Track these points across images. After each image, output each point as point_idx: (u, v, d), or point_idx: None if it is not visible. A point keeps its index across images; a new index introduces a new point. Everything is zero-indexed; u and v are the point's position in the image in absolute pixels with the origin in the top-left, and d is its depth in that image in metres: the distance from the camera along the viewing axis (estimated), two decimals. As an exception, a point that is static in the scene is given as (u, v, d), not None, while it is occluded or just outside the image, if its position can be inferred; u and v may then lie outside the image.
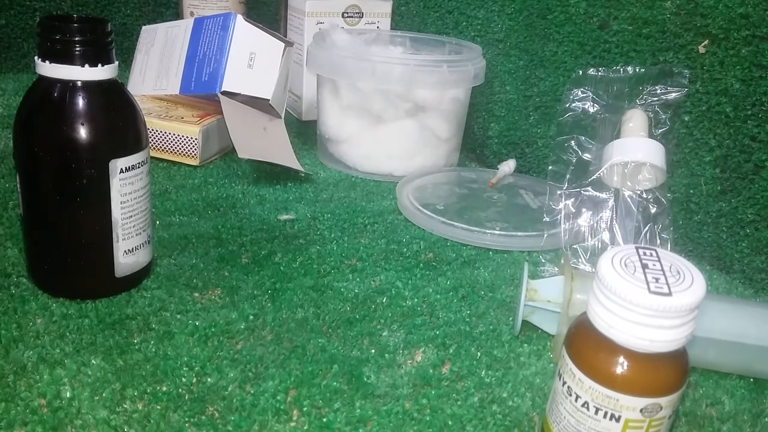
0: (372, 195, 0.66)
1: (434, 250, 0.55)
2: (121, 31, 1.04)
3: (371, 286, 0.48)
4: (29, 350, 0.38)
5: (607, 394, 0.29)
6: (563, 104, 0.56)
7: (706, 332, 0.40)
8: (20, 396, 0.34)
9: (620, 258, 0.30)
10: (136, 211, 0.43)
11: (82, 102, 0.39)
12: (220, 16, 0.69)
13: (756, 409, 0.39)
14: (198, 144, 0.67)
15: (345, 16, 0.83)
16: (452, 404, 0.37)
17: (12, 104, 0.80)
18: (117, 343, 0.39)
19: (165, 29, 0.77)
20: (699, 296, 0.28)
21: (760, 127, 0.51)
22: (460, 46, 0.73)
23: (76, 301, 0.42)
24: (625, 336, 0.29)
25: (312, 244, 0.54)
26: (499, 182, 0.68)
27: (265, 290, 0.46)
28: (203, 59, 0.70)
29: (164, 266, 0.48)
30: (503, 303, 0.48)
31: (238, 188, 0.64)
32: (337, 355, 0.40)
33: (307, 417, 0.35)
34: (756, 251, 0.52)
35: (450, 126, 0.70)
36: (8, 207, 0.54)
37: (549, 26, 0.67)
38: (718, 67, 0.53)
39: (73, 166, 0.40)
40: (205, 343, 0.40)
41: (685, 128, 0.56)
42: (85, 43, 0.39)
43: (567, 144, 0.56)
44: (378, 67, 0.65)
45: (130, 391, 0.36)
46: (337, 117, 0.70)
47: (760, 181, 0.51)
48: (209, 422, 0.34)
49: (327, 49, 0.68)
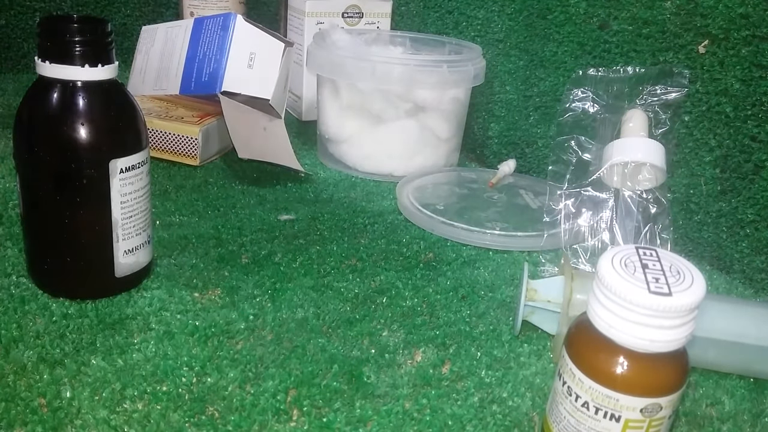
0: (372, 195, 0.66)
1: (434, 250, 0.55)
2: (121, 32, 1.04)
3: (371, 286, 0.48)
4: (29, 350, 0.38)
5: (607, 394, 0.29)
6: (563, 104, 0.56)
7: (706, 332, 0.40)
8: (20, 396, 0.34)
9: (620, 258, 0.30)
10: (136, 211, 0.43)
11: (82, 102, 0.39)
12: (220, 17, 0.69)
13: (756, 409, 0.39)
14: (198, 144, 0.67)
15: (345, 16, 0.83)
16: (452, 404, 0.37)
17: (12, 104, 0.80)
18: (117, 343, 0.39)
19: (165, 29, 0.77)
20: (699, 296, 0.28)
21: (760, 127, 0.51)
22: (460, 46, 0.73)
23: (76, 301, 0.42)
24: (625, 336, 0.29)
25: (312, 244, 0.54)
26: (499, 182, 0.68)
27: (265, 290, 0.46)
28: (203, 59, 0.70)
29: (164, 266, 0.48)
30: (503, 303, 0.48)
31: (238, 188, 0.64)
32: (337, 355, 0.40)
33: (307, 417, 0.35)
34: (756, 251, 0.52)
35: (450, 126, 0.70)
36: (8, 207, 0.54)
37: (549, 26, 0.67)
38: (718, 67, 0.53)
39: (73, 166, 0.40)
40: (205, 343, 0.40)
41: (685, 128, 0.56)
42: (85, 44, 0.39)
43: (567, 144, 0.56)
44: (378, 67, 0.65)
45: (130, 391, 0.36)
46: (337, 117, 0.70)
47: (760, 181, 0.51)
48: (209, 422, 0.34)
49: (327, 49, 0.68)
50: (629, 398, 0.29)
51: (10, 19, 0.95)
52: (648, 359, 0.29)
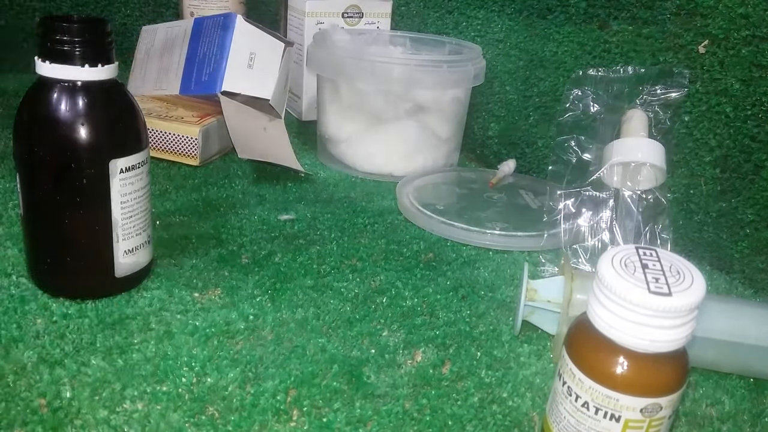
0: (372, 195, 0.66)
1: (434, 251, 0.55)
2: (121, 32, 1.04)
3: (371, 286, 0.48)
4: (29, 350, 0.38)
5: (607, 394, 0.29)
6: (563, 104, 0.56)
7: (706, 332, 0.40)
8: (20, 396, 0.34)
9: (620, 258, 0.30)
10: (136, 211, 0.42)
11: (82, 102, 0.39)
12: (220, 17, 0.69)
13: (756, 409, 0.39)
14: (198, 144, 0.67)
15: (345, 16, 0.83)
16: (452, 404, 0.37)
17: (12, 104, 0.80)
18: (117, 343, 0.39)
19: (165, 29, 0.77)
20: (699, 296, 0.28)
21: (760, 127, 0.51)
22: (460, 46, 0.73)
23: (76, 301, 0.42)
24: (625, 336, 0.29)
25: (312, 244, 0.54)
26: (499, 182, 0.68)
27: (265, 290, 0.46)
28: (203, 59, 0.69)
29: (164, 266, 0.48)
30: (503, 303, 0.48)
31: (238, 188, 0.64)
32: (337, 355, 0.40)
33: (307, 417, 0.35)
34: (756, 251, 0.52)
35: (450, 126, 0.70)
36: (8, 207, 0.54)
37: (549, 26, 0.67)
38: (718, 67, 0.53)
39: (73, 167, 0.40)
40: (205, 343, 0.40)
41: (685, 128, 0.56)
42: (85, 44, 0.39)
43: (567, 144, 0.55)
44: (378, 68, 0.65)
45: (130, 391, 0.36)
46: (337, 117, 0.70)
47: (760, 181, 0.51)
48: (209, 422, 0.34)
49: (327, 49, 0.68)
50: (629, 398, 0.29)
51: (10, 20, 0.94)
52: (648, 359, 0.29)
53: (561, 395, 0.32)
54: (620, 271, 0.29)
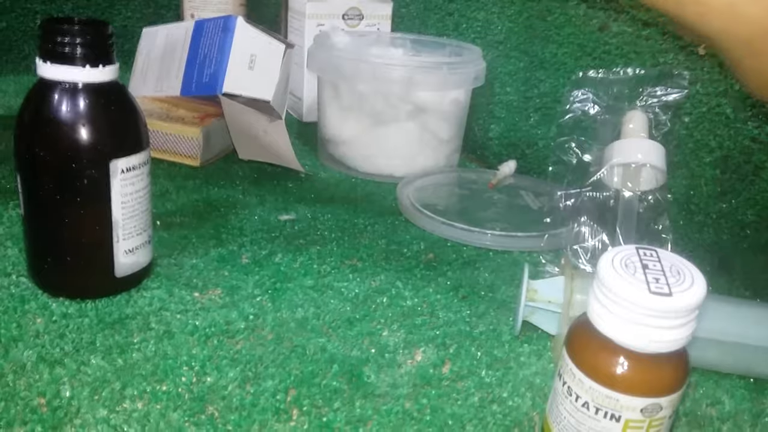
0: (372, 196, 0.66)
1: (434, 251, 0.55)
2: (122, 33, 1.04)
3: (371, 286, 0.48)
4: (29, 350, 0.38)
5: (607, 394, 0.29)
6: (563, 106, 0.56)
7: (706, 333, 0.39)
8: (20, 395, 0.34)
9: (620, 258, 0.30)
10: (136, 211, 0.43)
11: (83, 103, 0.39)
12: (221, 19, 0.69)
13: (756, 409, 0.39)
14: (199, 145, 0.67)
15: (345, 18, 0.83)
16: (452, 404, 0.37)
17: (13, 106, 0.80)
18: (117, 342, 0.39)
19: (166, 31, 0.77)
20: (699, 297, 0.28)
21: (760, 128, 0.51)
22: (461, 48, 0.73)
23: (76, 300, 0.42)
24: (626, 336, 0.29)
25: (312, 244, 0.54)
26: (499, 183, 0.68)
27: (265, 290, 0.46)
28: (204, 61, 0.70)
29: (164, 266, 0.48)
30: (503, 303, 0.48)
31: (238, 188, 0.64)
32: (337, 355, 0.40)
33: (307, 416, 0.35)
34: (756, 252, 0.52)
35: (450, 127, 0.71)
36: (8, 207, 0.54)
37: (549, 28, 0.67)
38: (718, 68, 0.53)
39: (74, 167, 0.40)
40: (205, 343, 0.40)
41: (686, 129, 0.56)
42: (86, 45, 0.39)
43: (567, 145, 0.56)
44: (378, 69, 0.65)
45: (130, 390, 0.36)
46: (338, 118, 0.70)
47: (760, 182, 0.51)
48: (209, 422, 0.34)
49: (327, 51, 0.68)
50: (629, 398, 0.29)
51: (11, 21, 0.95)
52: (648, 359, 0.29)
53: (561, 395, 0.32)
54: (620, 271, 0.29)
